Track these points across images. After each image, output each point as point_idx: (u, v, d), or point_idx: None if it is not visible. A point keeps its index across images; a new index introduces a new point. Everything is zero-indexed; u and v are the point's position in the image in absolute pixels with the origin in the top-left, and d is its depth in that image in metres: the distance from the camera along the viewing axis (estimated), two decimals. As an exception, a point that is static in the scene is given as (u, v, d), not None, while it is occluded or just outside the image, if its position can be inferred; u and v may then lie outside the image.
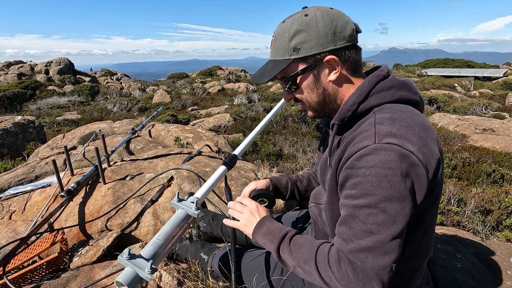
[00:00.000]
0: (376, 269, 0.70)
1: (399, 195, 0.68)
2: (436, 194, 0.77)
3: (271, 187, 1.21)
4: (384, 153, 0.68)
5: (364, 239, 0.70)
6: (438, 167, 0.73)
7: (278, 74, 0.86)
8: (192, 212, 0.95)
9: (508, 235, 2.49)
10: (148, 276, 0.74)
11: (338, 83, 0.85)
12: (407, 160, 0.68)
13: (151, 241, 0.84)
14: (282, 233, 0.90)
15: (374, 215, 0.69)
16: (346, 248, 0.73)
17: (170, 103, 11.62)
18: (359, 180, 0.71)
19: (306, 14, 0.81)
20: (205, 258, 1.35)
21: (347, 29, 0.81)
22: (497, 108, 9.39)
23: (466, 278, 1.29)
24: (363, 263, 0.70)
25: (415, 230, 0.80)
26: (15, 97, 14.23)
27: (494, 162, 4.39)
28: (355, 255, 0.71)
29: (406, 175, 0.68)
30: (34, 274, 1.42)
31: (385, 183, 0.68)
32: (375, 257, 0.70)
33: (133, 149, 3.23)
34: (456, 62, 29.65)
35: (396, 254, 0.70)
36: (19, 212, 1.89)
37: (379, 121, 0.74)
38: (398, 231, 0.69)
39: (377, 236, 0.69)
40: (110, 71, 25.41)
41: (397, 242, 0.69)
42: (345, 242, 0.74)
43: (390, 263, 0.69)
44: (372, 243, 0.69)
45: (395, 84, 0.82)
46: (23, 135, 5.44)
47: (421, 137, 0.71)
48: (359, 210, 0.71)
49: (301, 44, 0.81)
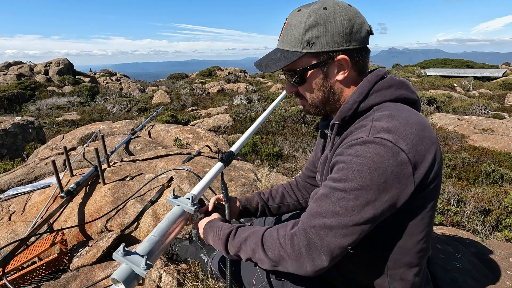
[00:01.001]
0: (331, 247, 0.73)
1: (375, 187, 0.69)
2: (431, 193, 0.77)
3: (240, 208, 1.21)
4: (374, 146, 0.70)
5: (329, 218, 0.73)
6: (432, 166, 0.73)
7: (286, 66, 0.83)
8: (188, 208, 0.95)
9: (507, 235, 2.49)
10: (143, 272, 0.74)
11: (344, 84, 0.84)
12: (396, 158, 0.69)
13: (146, 237, 0.84)
14: (224, 234, 0.91)
15: (346, 200, 0.72)
16: (310, 222, 0.76)
17: (170, 103, 11.61)
18: (343, 166, 0.73)
19: (325, 7, 0.78)
20: (205, 258, 1.35)
21: (363, 30, 0.80)
22: (497, 108, 9.40)
23: (466, 278, 1.29)
24: (321, 239, 0.74)
25: (412, 228, 0.80)
26: (15, 98, 14.22)
27: (493, 162, 4.39)
28: (316, 231, 0.74)
29: (390, 172, 0.69)
30: (34, 275, 1.42)
31: (366, 174, 0.69)
32: (334, 236, 0.73)
33: (132, 149, 3.23)
34: (456, 62, 29.68)
35: (354, 239, 0.73)
36: (18, 213, 1.89)
37: (377, 117, 0.75)
38: (363, 220, 0.71)
39: (342, 219, 0.72)
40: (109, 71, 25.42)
41: (359, 228, 0.72)
42: (311, 216, 0.76)
43: (346, 245, 0.73)
44: (335, 224, 0.72)
45: (394, 83, 0.83)
46: (23, 136, 5.43)
47: (417, 136, 0.72)
48: (334, 192, 0.74)
49: (316, 38, 0.78)
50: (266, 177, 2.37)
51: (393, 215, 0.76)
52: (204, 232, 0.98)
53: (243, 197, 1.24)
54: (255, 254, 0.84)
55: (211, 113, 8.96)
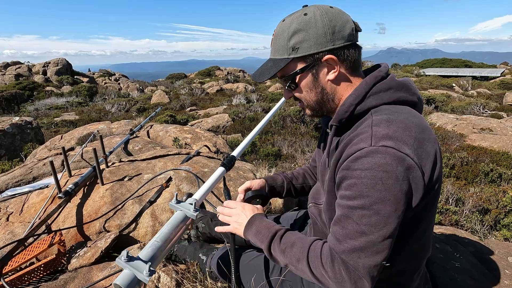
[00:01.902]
0: (367, 268, 0.71)
1: (393, 197, 0.69)
2: (434, 195, 0.77)
3: (266, 187, 1.21)
4: (380, 156, 0.69)
5: (357, 239, 0.72)
6: (434, 168, 0.73)
7: (278, 73, 0.86)
8: (191, 214, 0.95)
9: (506, 234, 2.50)
10: (147, 278, 0.74)
11: (336, 83, 0.85)
12: (403, 163, 0.68)
13: (149, 243, 0.84)
14: (271, 232, 0.90)
15: (368, 216, 0.70)
16: (339, 247, 0.74)
17: (169, 103, 11.60)
18: (354, 182, 0.72)
19: (306, 13, 0.81)
20: (203, 258, 1.35)
21: (346, 28, 0.81)
22: (495, 107, 9.42)
23: (465, 277, 1.29)
24: (355, 263, 0.72)
25: (413, 230, 0.80)
26: (13, 98, 14.18)
27: (492, 162, 4.40)
28: (348, 255, 0.73)
29: (402, 178, 0.68)
30: (32, 276, 1.42)
31: (379, 186, 0.69)
32: (367, 256, 0.71)
33: (131, 150, 3.22)
34: (454, 62, 29.76)
35: (387, 253, 0.72)
36: (16, 214, 1.88)
37: (376, 123, 0.75)
38: (389, 232, 0.70)
39: (370, 237, 0.71)
40: (108, 71, 25.37)
41: (388, 242, 0.71)
42: (339, 241, 0.75)
43: (380, 262, 0.72)
44: (365, 243, 0.71)
45: (393, 85, 0.82)
46: (21, 136, 5.42)
47: (417, 139, 0.72)
48: (353, 211, 0.73)
49: (299, 43, 0.81)
50: (261, 176, 2.36)
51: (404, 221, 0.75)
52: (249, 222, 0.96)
53: (268, 176, 1.26)
54: (299, 263, 0.82)
55: (210, 113, 8.95)
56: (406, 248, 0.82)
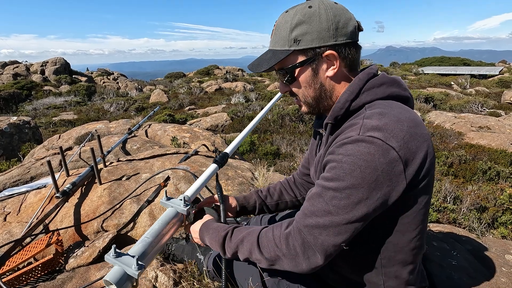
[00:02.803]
0: (325, 245, 0.75)
1: (367, 185, 0.70)
2: (423, 190, 0.77)
3: (237, 207, 1.21)
4: (364, 144, 0.70)
5: (322, 217, 0.74)
6: (423, 163, 0.73)
7: (276, 65, 0.84)
8: (181, 209, 0.95)
9: (503, 232, 2.51)
10: (136, 272, 0.73)
11: (335, 80, 0.85)
12: (386, 156, 0.69)
13: (140, 239, 0.84)
14: (221, 236, 0.91)
15: (338, 198, 0.72)
16: (303, 221, 0.77)
17: (167, 102, 11.59)
18: (334, 165, 0.74)
19: (310, 6, 0.80)
20: (201, 258, 1.35)
21: (349, 26, 0.80)
22: (493, 105, 9.45)
23: (462, 275, 1.30)
24: (315, 238, 0.75)
25: (404, 224, 0.80)
26: (11, 98, 14.13)
27: (489, 160, 4.42)
28: (310, 230, 0.76)
29: (381, 170, 0.69)
30: (29, 276, 1.41)
31: (356, 173, 0.70)
32: (328, 235, 0.74)
33: (129, 149, 3.22)
34: (453, 60, 29.82)
35: (347, 236, 0.74)
36: (14, 214, 1.88)
37: (368, 115, 0.76)
38: (355, 218, 0.72)
39: (335, 217, 0.73)
40: (106, 71, 25.30)
41: (352, 226, 0.73)
42: (305, 216, 0.78)
43: (339, 243, 0.75)
44: (328, 223, 0.74)
45: (386, 81, 0.83)
46: (19, 136, 5.40)
47: (408, 133, 0.72)
48: (326, 191, 0.75)
49: (302, 35, 0.80)
50: (263, 176, 2.37)
51: (385, 212, 0.76)
52: (200, 234, 0.98)
53: (241, 196, 1.24)
54: (252, 254, 0.85)
55: (208, 112, 8.95)
56: (392, 238, 0.82)
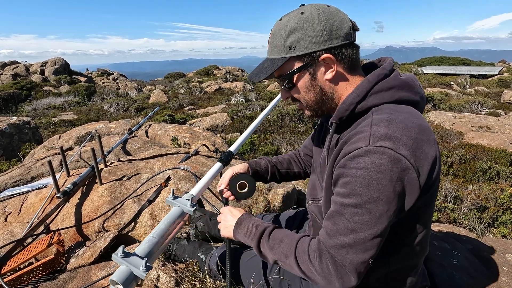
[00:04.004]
0: (354, 264, 0.73)
1: (386, 198, 0.70)
2: (431, 195, 0.77)
3: (250, 171, 1.20)
4: (377, 156, 0.69)
5: (347, 236, 0.73)
6: (433, 169, 0.73)
7: (275, 72, 0.85)
8: (188, 209, 0.95)
9: (503, 231, 2.51)
10: (143, 274, 0.73)
11: (334, 82, 0.84)
12: (399, 165, 0.69)
13: (146, 239, 0.84)
14: (260, 229, 0.92)
15: (359, 214, 0.72)
16: (329, 242, 0.76)
17: (167, 103, 11.59)
18: (349, 180, 0.73)
19: (302, 12, 0.81)
20: (202, 257, 1.35)
21: (344, 27, 0.80)
22: (493, 105, 9.45)
23: (462, 275, 1.30)
24: (343, 258, 0.74)
25: (410, 229, 0.80)
26: (10, 98, 14.12)
27: (489, 159, 4.42)
28: (337, 250, 0.74)
29: (396, 179, 0.69)
30: (31, 276, 1.41)
31: (373, 186, 0.69)
32: (355, 253, 0.73)
33: (130, 149, 3.22)
34: (452, 60, 29.82)
35: (375, 251, 0.73)
36: (15, 214, 1.88)
37: (375, 122, 0.74)
38: (379, 231, 0.72)
39: (359, 234, 0.72)
40: (106, 71, 25.29)
41: (377, 240, 0.73)
42: (329, 236, 0.77)
43: (368, 259, 0.73)
44: (354, 240, 0.73)
45: (396, 84, 0.81)
46: (19, 136, 5.40)
47: (416, 140, 0.71)
48: (346, 208, 0.74)
49: (296, 42, 0.80)
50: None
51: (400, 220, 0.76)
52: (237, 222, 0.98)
53: (252, 161, 1.25)
54: (287, 259, 0.84)
55: (208, 112, 8.94)
56: (404, 248, 0.82)
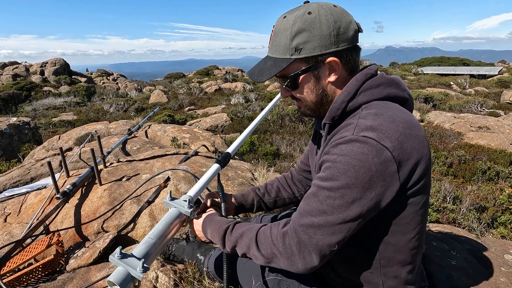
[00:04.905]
0: (320, 245, 0.75)
1: (361, 186, 0.71)
2: (418, 191, 0.77)
3: (235, 205, 1.22)
4: (358, 144, 0.71)
5: (317, 217, 0.75)
6: (418, 164, 0.74)
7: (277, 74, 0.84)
8: (185, 210, 0.95)
9: (503, 231, 2.51)
10: (140, 275, 0.74)
11: (336, 84, 0.85)
12: (380, 156, 0.70)
13: (143, 240, 0.84)
14: (222, 229, 0.93)
15: (332, 198, 0.73)
16: (299, 221, 0.78)
17: (167, 103, 11.58)
18: (329, 165, 0.75)
19: (310, 11, 0.78)
20: (201, 258, 1.35)
21: (350, 30, 0.80)
22: (492, 105, 9.46)
23: (461, 275, 1.30)
24: (310, 238, 0.75)
25: (393, 222, 0.81)
26: (10, 98, 14.12)
27: (489, 160, 4.42)
28: (305, 229, 0.76)
29: (375, 170, 0.70)
30: (30, 277, 1.42)
31: (350, 172, 0.71)
32: (322, 234, 0.75)
33: (129, 150, 3.22)
34: (452, 60, 29.84)
35: (342, 236, 0.75)
36: (14, 215, 1.88)
37: (363, 115, 0.76)
38: (349, 217, 0.73)
39: (329, 217, 0.74)
40: (106, 71, 25.29)
41: (346, 226, 0.74)
42: (300, 215, 0.79)
43: (334, 243, 0.75)
44: (323, 222, 0.74)
45: (383, 81, 0.83)
46: (19, 137, 5.40)
47: (403, 134, 0.72)
48: (321, 190, 0.75)
49: (303, 44, 0.79)
50: (263, 176, 2.37)
51: (383, 213, 0.77)
52: (203, 226, 1.00)
53: (239, 194, 1.25)
54: (250, 250, 0.86)
55: (208, 113, 8.94)
56: (391, 239, 0.83)
